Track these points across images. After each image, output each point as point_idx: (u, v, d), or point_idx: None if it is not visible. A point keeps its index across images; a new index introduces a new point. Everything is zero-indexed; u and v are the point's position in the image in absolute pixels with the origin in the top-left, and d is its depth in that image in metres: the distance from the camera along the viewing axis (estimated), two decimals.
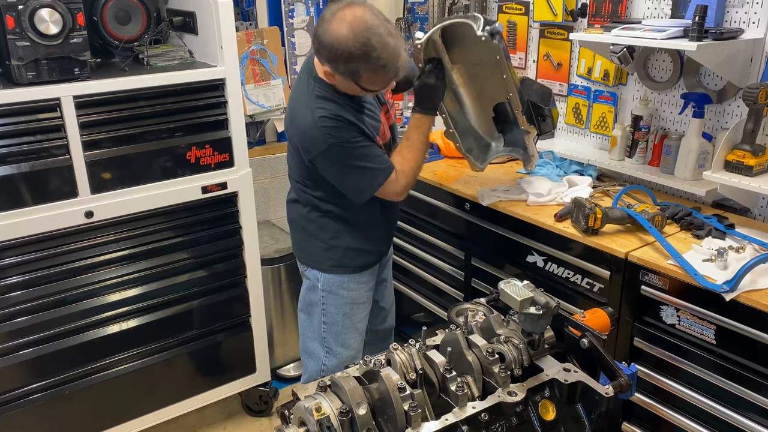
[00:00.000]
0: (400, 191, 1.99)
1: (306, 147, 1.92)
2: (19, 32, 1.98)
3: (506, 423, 1.24)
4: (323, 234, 2.11)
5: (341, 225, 2.09)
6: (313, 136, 1.86)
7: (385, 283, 2.43)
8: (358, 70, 1.76)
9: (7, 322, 2.15)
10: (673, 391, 1.95)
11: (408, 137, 2.00)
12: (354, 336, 2.22)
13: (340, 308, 2.17)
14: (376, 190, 1.95)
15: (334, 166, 1.92)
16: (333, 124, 1.85)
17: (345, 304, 2.17)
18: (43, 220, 2.13)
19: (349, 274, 2.14)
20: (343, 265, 2.13)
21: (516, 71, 2.12)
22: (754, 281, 1.75)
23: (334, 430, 1.13)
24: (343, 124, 1.86)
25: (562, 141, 2.83)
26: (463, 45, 2.03)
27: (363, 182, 1.94)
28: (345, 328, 2.19)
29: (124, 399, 2.44)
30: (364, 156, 1.90)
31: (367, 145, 1.91)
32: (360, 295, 2.19)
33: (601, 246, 2.04)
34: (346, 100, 1.90)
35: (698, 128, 2.24)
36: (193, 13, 2.43)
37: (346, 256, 2.12)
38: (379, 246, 2.21)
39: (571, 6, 2.63)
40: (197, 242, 2.47)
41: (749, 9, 2.13)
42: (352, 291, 2.17)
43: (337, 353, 2.22)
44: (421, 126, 1.99)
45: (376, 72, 1.77)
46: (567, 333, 1.40)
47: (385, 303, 2.45)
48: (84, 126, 2.13)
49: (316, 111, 1.86)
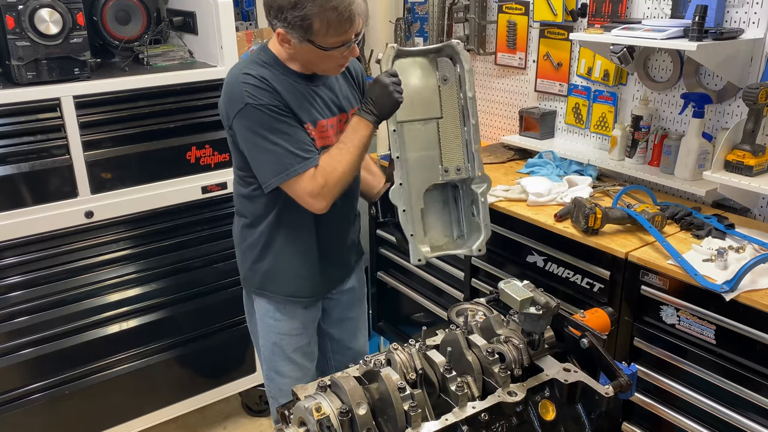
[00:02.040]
0: (316, 192, 1.67)
1: (226, 110, 1.70)
2: (19, 32, 1.98)
3: (506, 423, 1.24)
4: (249, 249, 1.91)
5: (266, 239, 1.86)
6: (231, 94, 1.66)
7: (353, 322, 2.15)
8: (308, 17, 1.55)
9: (7, 322, 2.15)
10: (673, 391, 1.95)
11: (342, 140, 1.71)
12: (287, 365, 1.99)
13: (268, 336, 1.97)
14: (288, 178, 1.66)
15: (247, 132, 1.66)
16: (255, 83, 1.64)
17: (273, 332, 1.95)
18: (43, 220, 2.13)
19: (274, 302, 1.92)
20: (263, 288, 1.92)
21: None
22: (754, 281, 1.75)
23: (334, 430, 1.13)
24: (268, 88, 1.64)
25: (562, 141, 2.83)
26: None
27: (274, 163, 1.66)
28: (275, 355, 1.98)
29: (124, 399, 2.44)
30: (283, 133, 1.65)
31: (292, 125, 1.67)
32: (291, 327, 1.95)
33: (601, 246, 2.04)
34: (291, 77, 1.70)
35: (698, 128, 2.23)
36: (193, 13, 2.44)
37: (267, 279, 1.90)
38: (310, 277, 1.91)
39: (571, 6, 2.63)
40: (197, 242, 2.47)
41: (749, 9, 2.13)
42: (279, 321, 1.93)
43: (273, 378, 2.03)
44: (359, 131, 1.69)
45: (326, 13, 1.55)
46: (567, 333, 1.40)
47: (355, 343, 2.18)
48: (84, 126, 2.13)
49: (243, 69, 1.67)
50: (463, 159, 1.78)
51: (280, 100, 1.65)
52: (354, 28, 1.61)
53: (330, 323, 2.11)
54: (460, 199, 1.84)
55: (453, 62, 1.77)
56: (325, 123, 1.77)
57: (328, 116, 1.78)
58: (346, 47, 1.65)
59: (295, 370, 2.00)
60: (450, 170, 1.78)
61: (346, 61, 1.73)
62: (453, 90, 1.77)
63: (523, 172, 2.65)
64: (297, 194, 1.70)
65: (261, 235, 1.86)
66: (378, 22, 3.47)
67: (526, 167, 2.69)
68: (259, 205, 1.83)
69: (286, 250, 1.87)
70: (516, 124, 2.95)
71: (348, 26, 1.59)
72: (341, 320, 2.12)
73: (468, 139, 1.76)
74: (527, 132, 2.86)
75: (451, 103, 1.77)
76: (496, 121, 3.14)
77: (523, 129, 2.88)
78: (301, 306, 1.95)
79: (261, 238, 1.86)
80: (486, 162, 2.81)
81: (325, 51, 1.61)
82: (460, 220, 1.85)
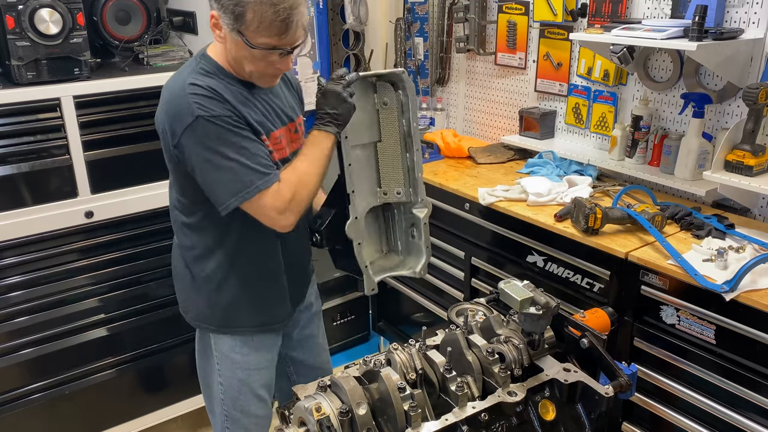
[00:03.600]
0: (284, 207, 1.51)
1: (170, 126, 1.50)
2: (19, 32, 1.98)
3: (506, 423, 1.24)
4: (205, 284, 1.72)
5: (225, 270, 1.69)
6: (179, 107, 1.48)
7: (314, 339, 2.01)
8: (242, 4, 1.42)
9: (7, 322, 2.15)
10: (673, 391, 1.95)
11: (304, 153, 1.58)
12: (254, 403, 1.83)
13: (234, 373, 1.79)
14: (250, 197, 1.49)
15: (199, 149, 1.47)
16: (205, 93, 1.48)
17: (239, 369, 1.79)
18: (43, 220, 2.13)
19: (240, 336, 1.76)
20: (227, 325, 1.74)
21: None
22: (754, 281, 1.75)
23: (334, 430, 1.13)
24: (219, 98, 1.49)
25: (562, 141, 2.83)
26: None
27: (233, 181, 1.48)
28: (242, 393, 1.82)
29: (124, 399, 2.44)
30: (240, 147, 1.48)
31: (249, 137, 1.51)
32: (258, 360, 1.80)
33: (601, 246, 2.04)
34: (235, 84, 1.56)
35: (698, 128, 2.23)
36: (193, 13, 2.44)
37: (231, 313, 1.73)
38: (280, 300, 1.79)
39: (571, 6, 2.63)
40: None
41: (749, 9, 2.13)
42: (246, 356, 1.78)
43: (237, 419, 1.85)
44: (321, 143, 1.56)
45: (262, 7, 1.41)
46: (567, 333, 1.40)
47: (319, 361, 2.04)
48: (84, 126, 2.13)
49: (188, 79, 1.51)
50: (404, 183, 1.76)
51: (234, 110, 1.51)
52: (289, 35, 1.47)
53: (290, 346, 1.96)
54: (395, 219, 1.83)
55: (395, 88, 1.71)
56: (279, 134, 1.64)
57: (279, 126, 1.65)
58: (278, 55, 1.50)
59: (263, 408, 1.86)
60: (389, 193, 1.76)
61: (276, 72, 1.57)
62: (393, 114, 1.72)
63: (523, 172, 2.65)
64: (262, 212, 1.53)
65: (219, 266, 1.69)
66: (378, 22, 3.48)
67: (526, 167, 2.69)
68: (210, 235, 1.67)
69: (251, 277, 1.71)
70: (516, 124, 2.95)
71: (282, 30, 1.45)
72: (302, 340, 1.98)
73: (411, 165, 1.75)
74: (527, 132, 2.86)
75: (392, 127, 1.73)
76: (496, 121, 3.14)
77: (523, 129, 2.88)
78: (273, 333, 1.82)
79: (218, 269, 1.69)
80: (486, 162, 2.82)
81: (252, 49, 1.46)
82: (389, 236, 1.86)
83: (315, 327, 2.02)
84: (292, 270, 1.80)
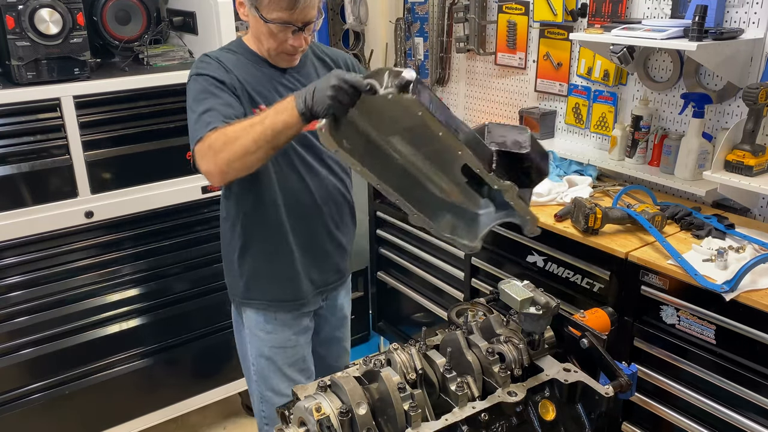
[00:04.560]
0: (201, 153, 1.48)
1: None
2: (19, 32, 1.98)
3: (506, 423, 1.24)
4: (231, 253, 1.82)
5: (243, 239, 1.78)
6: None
7: (340, 343, 2.10)
8: None
9: (7, 322, 2.15)
10: (673, 391, 1.95)
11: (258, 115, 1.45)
12: (283, 381, 1.88)
13: (260, 350, 1.87)
14: (193, 146, 1.52)
15: (187, 102, 1.61)
16: (207, 60, 1.65)
17: (265, 346, 1.86)
18: (43, 220, 2.13)
19: (262, 311, 1.84)
20: (250, 298, 1.83)
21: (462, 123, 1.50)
22: (754, 281, 1.75)
23: (334, 430, 1.13)
24: (218, 65, 1.63)
25: (562, 141, 2.83)
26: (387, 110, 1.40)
27: (192, 129, 1.55)
28: (272, 371, 1.88)
29: (124, 399, 2.44)
30: (210, 96, 1.55)
31: (219, 95, 1.56)
32: (283, 339, 1.86)
33: (601, 246, 2.04)
34: (259, 64, 1.68)
35: (698, 128, 2.23)
36: (193, 13, 2.44)
37: (250, 284, 1.82)
38: (292, 280, 1.81)
39: (571, 6, 2.63)
40: (197, 242, 2.47)
41: (749, 9, 2.13)
42: (270, 333, 1.85)
43: (268, 399, 1.91)
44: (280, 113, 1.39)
45: None
46: (567, 333, 1.40)
47: (338, 362, 2.11)
48: (84, 126, 2.13)
49: (207, 53, 1.69)
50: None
51: (229, 77, 1.61)
52: (298, 10, 1.56)
53: (318, 341, 2.03)
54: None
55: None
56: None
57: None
58: (291, 31, 1.60)
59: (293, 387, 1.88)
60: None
61: (291, 50, 1.65)
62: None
63: None
64: (194, 159, 1.52)
65: (239, 236, 1.79)
66: (378, 22, 3.48)
67: None
68: (233, 202, 1.77)
69: (263, 251, 1.79)
70: (516, 124, 2.95)
71: (292, 4, 1.55)
72: (329, 339, 2.06)
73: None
74: None
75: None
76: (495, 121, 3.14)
77: None
78: (289, 315, 1.85)
79: (239, 239, 1.79)
80: None
81: (265, 23, 1.59)
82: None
83: (344, 330, 2.10)
84: (307, 252, 1.83)
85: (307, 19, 1.60)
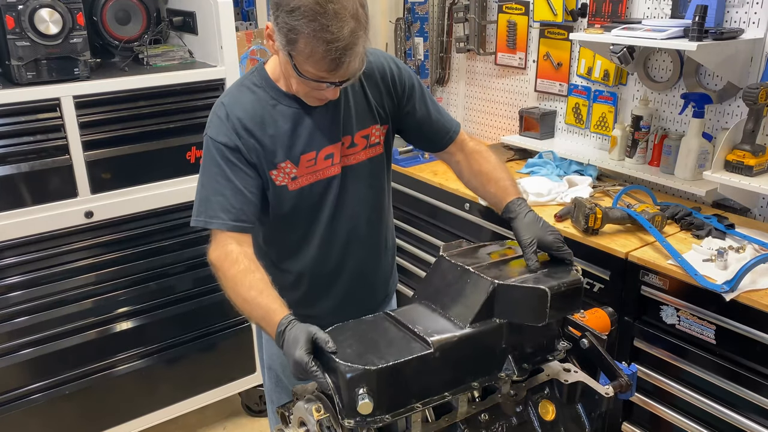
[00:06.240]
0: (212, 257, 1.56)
1: None
2: (19, 32, 1.98)
3: (506, 423, 1.24)
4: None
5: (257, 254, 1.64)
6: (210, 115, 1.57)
7: None
8: (296, 31, 1.34)
9: (7, 322, 2.15)
10: (673, 391, 1.95)
11: (257, 300, 1.45)
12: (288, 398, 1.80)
13: (272, 361, 1.83)
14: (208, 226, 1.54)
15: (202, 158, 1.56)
16: (223, 116, 1.51)
17: (276, 362, 1.81)
18: (43, 220, 2.13)
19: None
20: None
21: None
22: (754, 281, 1.75)
23: (334, 430, 1.13)
24: (229, 127, 1.50)
25: (562, 141, 2.83)
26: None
27: (196, 197, 1.54)
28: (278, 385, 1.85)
29: (124, 399, 2.44)
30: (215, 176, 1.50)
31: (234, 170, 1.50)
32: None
33: (601, 246, 2.04)
34: (283, 102, 1.53)
35: (698, 128, 2.24)
36: (193, 13, 2.43)
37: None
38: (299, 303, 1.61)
39: (571, 6, 2.63)
40: (197, 242, 2.46)
41: (749, 9, 2.13)
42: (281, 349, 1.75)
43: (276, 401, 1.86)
44: (266, 324, 1.40)
45: (315, 41, 1.33)
46: (567, 333, 1.40)
47: None
48: (84, 126, 2.13)
49: (229, 92, 1.56)
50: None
51: (242, 142, 1.50)
52: (339, 72, 1.38)
53: None
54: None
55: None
56: (313, 156, 1.55)
57: (325, 144, 1.55)
58: (326, 85, 1.42)
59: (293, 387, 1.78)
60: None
61: (323, 97, 1.49)
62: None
63: (523, 173, 2.65)
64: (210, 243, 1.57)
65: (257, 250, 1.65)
66: (378, 22, 3.48)
67: (526, 167, 2.69)
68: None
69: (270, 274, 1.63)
70: (516, 124, 2.95)
71: (332, 67, 1.37)
72: None
73: None
74: (527, 132, 2.86)
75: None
76: (496, 121, 3.14)
77: (523, 129, 2.88)
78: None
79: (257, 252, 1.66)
80: None
81: (298, 75, 1.41)
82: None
83: None
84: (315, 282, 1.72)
85: (347, 77, 1.41)
